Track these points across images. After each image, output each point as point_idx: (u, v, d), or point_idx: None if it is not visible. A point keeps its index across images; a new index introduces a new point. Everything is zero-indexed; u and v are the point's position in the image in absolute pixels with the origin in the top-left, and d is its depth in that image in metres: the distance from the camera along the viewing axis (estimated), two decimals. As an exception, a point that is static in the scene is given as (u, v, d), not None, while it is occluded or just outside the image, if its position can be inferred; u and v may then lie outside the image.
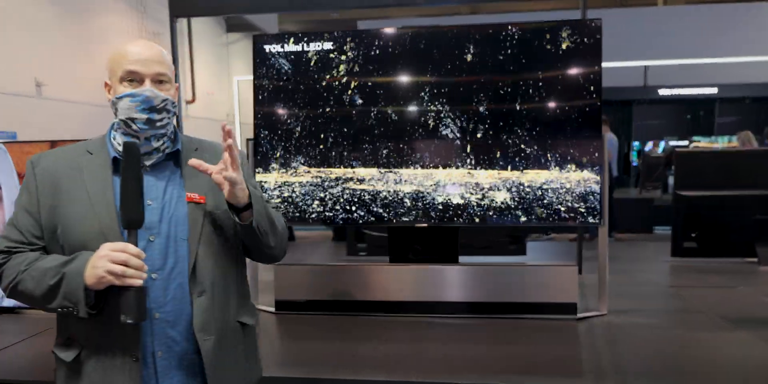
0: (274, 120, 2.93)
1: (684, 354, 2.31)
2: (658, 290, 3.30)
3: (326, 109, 2.89)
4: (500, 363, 2.21)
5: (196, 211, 1.25)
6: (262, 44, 2.98)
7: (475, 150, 2.78)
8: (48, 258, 1.20)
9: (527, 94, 2.76)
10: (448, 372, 2.10)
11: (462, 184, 2.79)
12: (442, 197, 2.81)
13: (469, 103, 2.79)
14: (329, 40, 2.90)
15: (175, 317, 1.21)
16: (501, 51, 2.78)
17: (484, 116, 2.78)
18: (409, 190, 2.84)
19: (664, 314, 2.82)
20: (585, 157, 2.74)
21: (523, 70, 2.77)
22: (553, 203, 2.74)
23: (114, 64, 1.23)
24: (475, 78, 2.79)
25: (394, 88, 2.84)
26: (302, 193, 2.89)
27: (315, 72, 2.90)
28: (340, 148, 2.88)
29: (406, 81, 2.83)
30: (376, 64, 2.85)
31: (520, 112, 2.76)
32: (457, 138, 2.80)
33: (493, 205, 2.77)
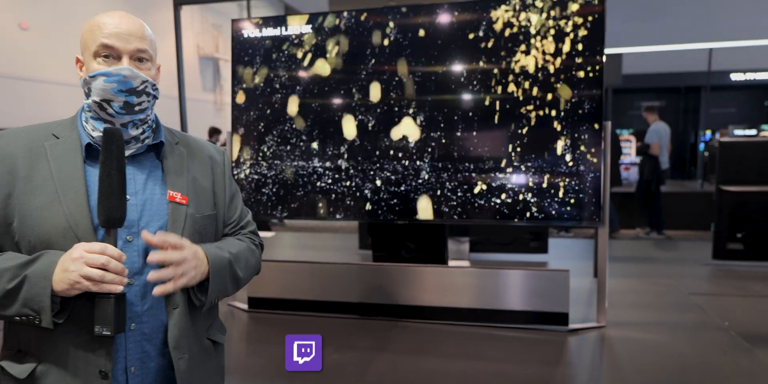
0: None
1: (682, 380, 1.99)
2: (678, 299, 2.92)
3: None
4: (455, 380, 1.97)
5: (177, 212, 1.09)
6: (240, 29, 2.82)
7: (461, 142, 2.52)
8: (2, 256, 1.01)
9: (515, 81, 2.47)
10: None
11: (452, 178, 2.53)
12: (430, 192, 2.57)
13: (448, 93, 2.53)
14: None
15: (151, 330, 1.06)
16: (485, 34, 2.49)
17: (465, 106, 2.51)
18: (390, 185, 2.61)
19: (673, 329, 2.46)
20: (583, 150, 2.42)
21: (515, 54, 2.47)
22: (548, 200, 2.44)
23: (87, 37, 1.06)
24: (466, 64, 2.52)
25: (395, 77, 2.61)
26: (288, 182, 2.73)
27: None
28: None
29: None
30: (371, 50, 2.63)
31: (503, 100, 2.47)
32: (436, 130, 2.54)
33: (479, 201, 2.50)
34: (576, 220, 2.46)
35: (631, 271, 3.88)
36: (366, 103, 2.62)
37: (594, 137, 2.41)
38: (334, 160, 2.67)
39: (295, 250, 5.03)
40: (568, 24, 2.43)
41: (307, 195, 2.71)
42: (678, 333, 2.41)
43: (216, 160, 1.23)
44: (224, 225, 1.23)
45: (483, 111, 2.50)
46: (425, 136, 2.55)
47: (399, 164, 2.58)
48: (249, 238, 1.26)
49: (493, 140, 2.50)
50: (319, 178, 2.69)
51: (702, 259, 4.07)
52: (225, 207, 1.22)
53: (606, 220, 2.44)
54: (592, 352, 2.25)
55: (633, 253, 4.69)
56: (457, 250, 4.30)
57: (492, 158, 2.48)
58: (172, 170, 1.12)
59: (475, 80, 2.51)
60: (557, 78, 2.43)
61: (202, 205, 1.14)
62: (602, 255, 2.48)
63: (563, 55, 2.44)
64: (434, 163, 2.54)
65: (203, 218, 1.13)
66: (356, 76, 2.63)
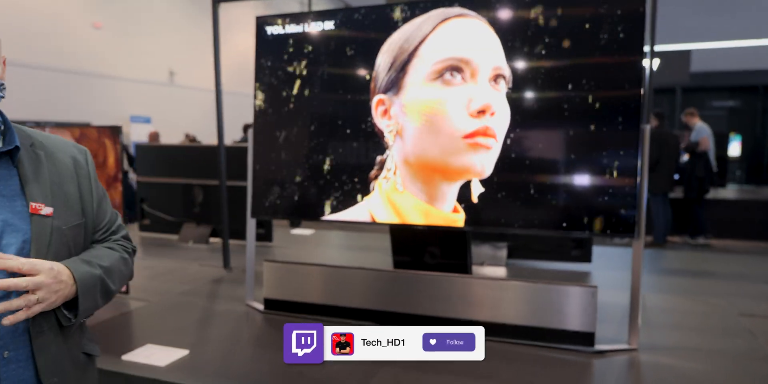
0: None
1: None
2: (727, 322, 2.64)
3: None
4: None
5: (42, 225, 1.01)
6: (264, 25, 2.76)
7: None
8: None
9: (552, 79, 2.27)
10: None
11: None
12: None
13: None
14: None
15: (26, 357, 0.99)
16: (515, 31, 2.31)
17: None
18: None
19: (714, 356, 2.21)
20: (616, 154, 2.21)
21: (548, 50, 2.27)
22: (576, 209, 2.25)
23: None
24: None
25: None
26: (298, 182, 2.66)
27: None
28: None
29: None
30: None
31: (534, 101, 2.28)
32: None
33: (502, 207, 2.33)
34: (613, 231, 2.26)
35: (679, 286, 3.58)
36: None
37: (631, 141, 2.19)
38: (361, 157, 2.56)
39: (336, 250, 4.97)
40: (604, 19, 2.21)
41: (313, 193, 2.62)
42: (719, 361, 2.16)
43: (79, 162, 1.13)
44: (93, 231, 1.13)
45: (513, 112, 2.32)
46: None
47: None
48: (120, 245, 1.17)
49: (521, 144, 2.32)
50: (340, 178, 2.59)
51: (765, 276, 3.71)
52: (93, 213, 1.12)
53: (641, 231, 2.23)
54: (617, 378, 2.04)
55: (686, 266, 4.35)
56: (493, 255, 4.12)
57: (520, 163, 2.31)
58: (31, 178, 1.02)
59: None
60: (592, 78, 2.22)
61: (68, 214, 1.04)
62: (636, 269, 2.26)
63: (598, 52, 2.22)
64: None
65: (71, 229, 1.04)
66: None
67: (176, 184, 4.84)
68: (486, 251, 4.17)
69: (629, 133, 2.19)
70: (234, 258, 3.82)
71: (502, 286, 2.40)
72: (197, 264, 3.92)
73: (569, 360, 2.17)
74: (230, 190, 3.86)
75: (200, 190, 4.79)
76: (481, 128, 2.24)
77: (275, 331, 2.55)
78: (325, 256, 4.45)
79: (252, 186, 2.79)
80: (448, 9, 2.30)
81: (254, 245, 2.91)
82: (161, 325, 2.63)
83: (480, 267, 3.93)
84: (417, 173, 2.39)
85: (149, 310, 2.84)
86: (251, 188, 2.80)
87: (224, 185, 3.80)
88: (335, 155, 2.59)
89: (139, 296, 3.02)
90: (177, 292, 3.15)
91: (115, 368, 2.07)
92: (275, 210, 2.75)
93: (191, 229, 4.80)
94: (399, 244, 2.75)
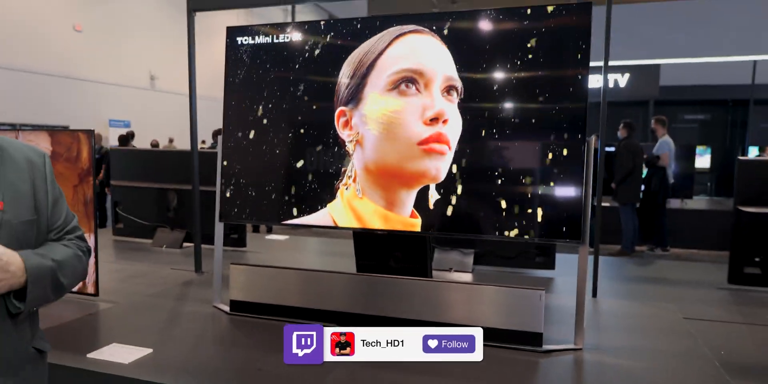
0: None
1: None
2: (671, 324, 2.78)
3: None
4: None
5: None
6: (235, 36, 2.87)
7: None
8: None
9: (501, 91, 2.41)
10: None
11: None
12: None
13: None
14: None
15: None
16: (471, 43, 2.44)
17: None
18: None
19: (652, 355, 2.35)
20: (565, 163, 2.35)
21: (497, 63, 2.41)
22: (524, 216, 2.38)
23: None
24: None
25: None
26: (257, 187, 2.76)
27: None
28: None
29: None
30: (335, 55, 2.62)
31: (484, 111, 2.41)
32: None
33: (458, 214, 2.46)
34: (559, 237, 2.40)
35: (634, 292, 3.74)
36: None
37: (576, 152, 2.33)
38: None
39: (309, 254, 5.05)
40: (550, 33, 2.36)
41: (281, 197, 2.72)
42: (658, 360, 2.30)
43: (35, 164, 1.22)
44: (48, 230, 1.22)
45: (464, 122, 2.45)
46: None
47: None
48: (75, 243, 1.26)
49: (475, 151, 2.45)
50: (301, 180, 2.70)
51: (719, 282, 3.87)
52: (48, 212, 1.21)
53: (586, 237, 2.36)
54: (559, 375, 2.16)
55: (647, 273, 4.51)
56: (461, 261, 4.24)
57: (471, 171, 2.43)
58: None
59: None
60: (539, 91, 2.36)
61: (20, 210, 1.13)
62: (581, 274, 2.40)
63: (544, 65, 2.36)
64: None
65: (22, 224, 1.13)
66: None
67: (150, 189, 4.89)
68: (454, 257, 4.29)
69: (574, 144, 2.33)
70: (206, 262, 3.89)
71: (456, 289, 2.52)
72: (169, 268, 3.98)
73: (517, 359, 2.29)
74: (204, 194, 3.92)
75: (174, 195, 4.85)
76: (434, 135, 2.38)
77: (239, 332, 2.64)
78: (298, 261, 4.53)
79: (220, 191, 2.88)
80: (404, 26, 2.45)
81: (222, 248, 3.00)
82: (127, 325, 2.70)
83: (447, 273, 4.05)
84: (376, 180, 2.50)
85: (116, 311, 2.90)
86: (219, 193, 2.89)
87: (197, 190, 3.88)
88: (301, 162, 2.70)
89: (107, 298, 3.07)
90: (146, 294, 3.21)
91: (80, 365, 2.14)
92: (243, 214, 2.84)
93: (165, 233, 4.85)
94: (361, 249, 2.85)
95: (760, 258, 3.75)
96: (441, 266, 4.13)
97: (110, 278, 3.45)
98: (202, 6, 3.94)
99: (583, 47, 2.34)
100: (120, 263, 4.08)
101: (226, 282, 2.95)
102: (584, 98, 2.35)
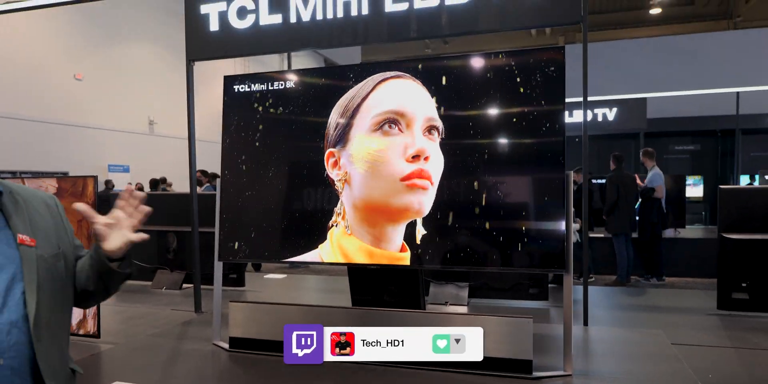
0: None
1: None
2: (660, 349, 2.85)
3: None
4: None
5: (28, 254, 1.25)
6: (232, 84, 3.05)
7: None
8: None
9: (482, 129, 2.56)
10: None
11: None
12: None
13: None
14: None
15: (19, 364, 1.18)
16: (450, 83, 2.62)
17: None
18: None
19: (639, 379, 2.41)
20: (546, 196, 2.48)
21: (476, 104, 2.58)
22: (514, 247, 2.49)
23: None
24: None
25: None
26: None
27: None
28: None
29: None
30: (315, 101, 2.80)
31: (468, 146, 2.56)
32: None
33: (447, 246, 2.57)
34: (544, 267, 2.51)
35: (625, 319, 3.81)
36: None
37: (557, 186, 2.46)
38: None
39: (306, 292, 5.12)
40: (528, 71, 2.53)
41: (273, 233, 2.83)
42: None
43: (50, 205, 1.39)
44: (76, 258, 1.40)
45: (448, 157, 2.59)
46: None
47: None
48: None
49: (458, 187, 2.58)
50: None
51: (708, 309, 3.95)
52: (71, 245, 1.39)
53: (570, 267, 2.47)
54: (550, 401, 2.23)
55: (639, 301, 4.58)
56: (456, 295, 4.31)
57: (458, 204, 2.56)
58: (14, 216, 1.27)
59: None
60: (517, 127, 2.52)
61: (48, 245, 1.29)
62: (567, 302, 2.49)
63: (524, 102, 2.52)
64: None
65: (52, 258, 1.29)
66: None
67: (151, 231, 4.98)
68: (449, 291, 4.37)
69: (555, 177, 2.46)
70: (205, 302, 3.96)
71: (446, 319, 2.60)
72: (169, 309, 4.05)
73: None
74: (203, 236, 4.02)
75: (174, 237, 4.95)
76: (416, 171, 2.53)
77: (238, 368, 2.70)
78: (296, 298, 4.60)
79: (218, 231, 3.00)
80: (387, 72, 2.64)
81: (221, 286, 3.09)
82: (129, 364, 2.77)
83: (443, 306, 4.12)
84: (364, 216, 2.63)
85: (118, 351, 2.97)
86: (218, 233, 3.00)
87: (196, 231, 3.99)
88: (295, 202, 2.83)
89: (108, 340, 3.14)
90: (146, 335, 3.28)
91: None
92: (240, 254, 2.95)
93: (165, 275, 4.94)
94: (355, 284, 2.95)
95: (746, 283, 3.84)
96: (437, 300, 4.21)
97: (111, 320, 3.53)
98: (201, 56, 4.16)
99: (558, 86, 2.51)
100: (120, 305, 4.14)
101: (225, 320, 3.02)
102: (562, 133, 2.50)
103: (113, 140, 14.27)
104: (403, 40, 3.58)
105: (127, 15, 13.96)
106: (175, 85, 11.83)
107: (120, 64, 14.35)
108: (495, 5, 3.28)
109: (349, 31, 3.60)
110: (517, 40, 21.07)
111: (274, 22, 3.75)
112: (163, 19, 14.67)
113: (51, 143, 12.34)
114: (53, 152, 12.31)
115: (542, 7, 3.23)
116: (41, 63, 12.13)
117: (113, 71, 14.15)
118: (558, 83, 2.51)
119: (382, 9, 3.47)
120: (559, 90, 2.52)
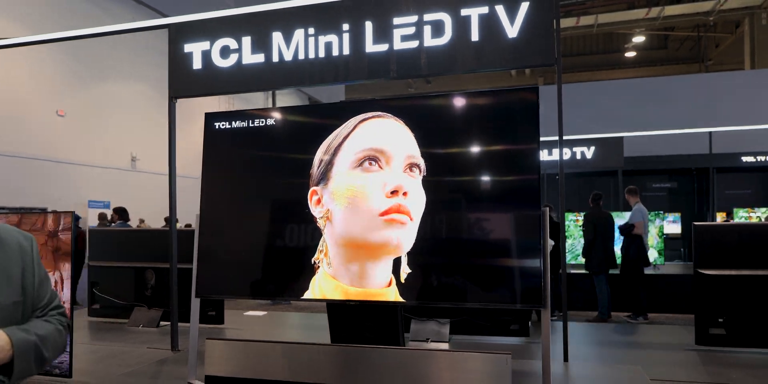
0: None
1: None
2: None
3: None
4: None
5: None
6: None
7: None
8: None
9: (460, 167, 2.62)
10: None
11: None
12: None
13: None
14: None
15: None
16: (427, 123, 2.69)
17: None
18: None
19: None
20: (523, 233, 2.52)
21: (454, 142, 2.65)
22: (489, 283, 2.51)
23: None
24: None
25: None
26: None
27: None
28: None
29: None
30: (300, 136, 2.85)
31: (444, 184, 2.62)
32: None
33: (423, 283, 2.58)
34: (522, 303, 2.53)
35: (606, 355, 3.81)
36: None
37: (533, 223, 2.51)
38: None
39: (287, 329, 5.05)
40: (504, 110, 2.61)
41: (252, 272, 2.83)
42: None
43: (24, 248, 1.35)
44: (33, 309, 1.34)
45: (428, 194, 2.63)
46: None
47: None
48: (57, 319, 1.38)
49: (440, 223, 2.61)
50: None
51: (687, 344, 3.97)
52: (34, 292, 1.34)
53: (548, 303, 2.49)
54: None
55: (620, 338, 4.60)
56: (437, 331, 4.29)
57: (437, 240, 2.59)
58: None
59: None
60: (493, 165, 2.58)
61: (10, 292, 1.25)
62: (545, 338, 2.50)
63: (499, 140, 2.59)
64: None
65: (12, 305, 1.26)
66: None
67: (128, 268, 4.93)
68: (431, 328, 4.34)
69: (531, 214, 2.51)
70: (182, 340, 3.88)
71: (424, 356, 2.59)
72: (145, 347, 3.97)
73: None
74: (182, 272, 3.98)
75: (152, 273, 4.89)
76: (395, 206, 2.56)
77: (214, 407, 2.64)
78: (275, 335, 4.54)
79: (196, 267, 2.98)
80: (368, 112, 2.71)
81: (198, 323, 3.04)
82: (101, 404, 2.69)
83: (424, 343, 4.09)
84: (345, 253, 2.65)
85: (90, 391, 2.89)
86: (195, 269, 2.98)
87: (175, 267, 3.96)
88: (275, 240, 2.84)
89: (81, 379, 3.06)
90: (119, 374, 3.20)
91: (51, 446, 2.13)
92: (218, 290, 2.93)
93: (142, 312, 4.84)
94: (334, 321, 2.93)
95: (723, 319, 3.88)
96: (418, 337, 4.18)
97: (84, 359, 3.44)
98: (184, 93, 4.21)
99: (532, 125, 2.59)
100: (94, 344, 4.05)
101: (201, 358, 2.97)
102: (537, 171, 2.57)
103: (94, 176, 14.17)
104: (383, 79, 3.68)
105: (110, 52, 14.08)
106: (158, 122, 11.90)
107: (103, 101, 14.38)
108: (472, 47, 3.41)
109: (330, 70, 3.69)
110: (498, 80, 21.67)
111: (257, 61, 3.84)
112: (147, 56, 14.82)
113: (30, 179, 12.22)
114: (32, 188, 12.17)
115: (517, 50, 3.35)
116: (23, 99, 12.13)
117: (96, 108, 14.17)
118: (532, 122, 2.59)
119: (363, 50, 3.58)
120: (534, 129, 2.59)
